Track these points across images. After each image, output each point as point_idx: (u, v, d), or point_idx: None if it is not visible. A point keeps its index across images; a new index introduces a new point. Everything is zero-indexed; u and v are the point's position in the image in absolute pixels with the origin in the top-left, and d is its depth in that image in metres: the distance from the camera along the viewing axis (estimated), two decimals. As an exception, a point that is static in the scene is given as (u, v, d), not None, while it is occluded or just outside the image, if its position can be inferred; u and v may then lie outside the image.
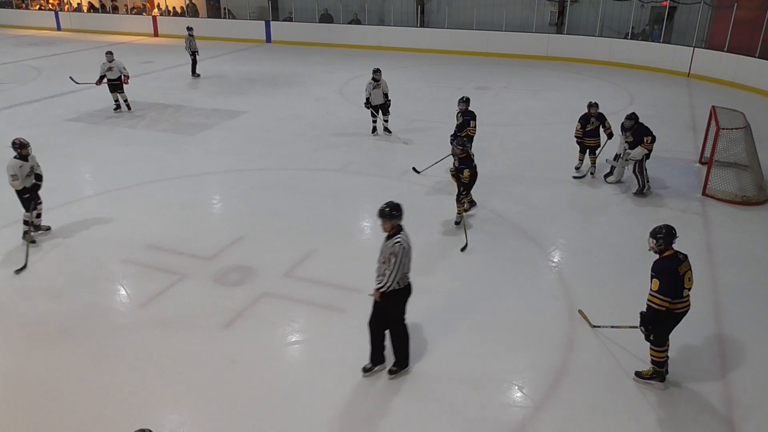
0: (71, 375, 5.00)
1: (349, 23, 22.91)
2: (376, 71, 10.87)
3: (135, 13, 26.63)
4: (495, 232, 7.59)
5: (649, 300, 4.60)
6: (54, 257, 6.88)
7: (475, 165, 7.50)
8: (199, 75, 17.08)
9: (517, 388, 4.92)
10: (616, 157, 8.87)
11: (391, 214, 4.66)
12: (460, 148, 7.36)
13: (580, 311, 5.88)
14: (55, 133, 11.62)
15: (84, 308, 5.90)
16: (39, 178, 7.07)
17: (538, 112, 13.22)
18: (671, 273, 4.52)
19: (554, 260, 6.96)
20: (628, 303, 6.04)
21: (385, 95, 11.01)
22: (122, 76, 12.51)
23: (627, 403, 4.75)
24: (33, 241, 7.09)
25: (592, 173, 9.31)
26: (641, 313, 4.77)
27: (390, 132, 11.35)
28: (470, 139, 8.90)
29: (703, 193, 8.60)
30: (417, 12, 22.24)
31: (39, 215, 7.26)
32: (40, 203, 7.19)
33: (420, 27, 22.02)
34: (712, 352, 5.36)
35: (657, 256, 4.67)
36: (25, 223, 7.06)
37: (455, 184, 7.52)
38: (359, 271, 6.60)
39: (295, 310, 5.93)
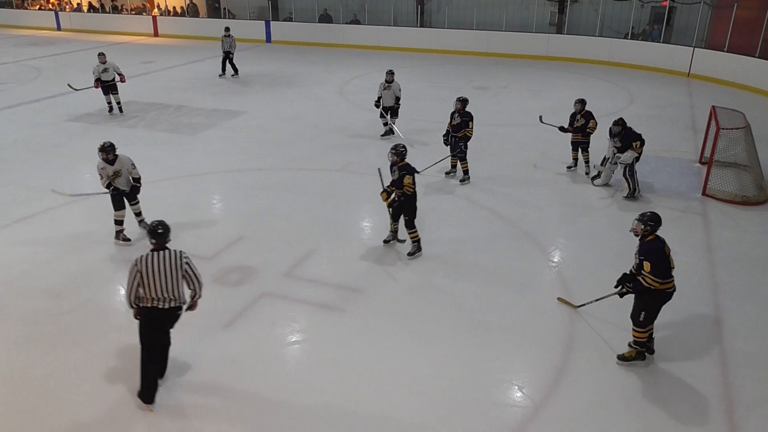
0: (71, 375, 5.00)
1: (349, 23, 22.93)
2: (389, 72, 10.81)
3: (135, 13, 26.64)
4: (494, 231, 7.59)
5: (642, 279, 4.83)
6: (54, 257, 6.87)
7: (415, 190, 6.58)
8: (236, 74, 16.99)
9: (517, 388, 4.92)
10: (604, 161, 8.87)
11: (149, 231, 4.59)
12: (395, 155, 6.52)
13: (559, 298, 5.97)
14: (55, 133, 11.62)
15: (84, 308, 5.90)
16: (136, 180, 7.04)
17: (537, 112, 13.11)
18: (660, 253, 4.80)
19: (554, 260, 6.96)
20: (629, 302, 6.04)
21: (397, 98, 10.91)
22: (117, 76, 12.45)
23: (627, 403, 4.75)
24: (127, 239, 7.12)
25: (586, 173, 9.33)
26: (624, 273, 5.04)
27: (393, 133, 11.27)
28: (467, 140, 8.88)
29: (703, 193, 8.60)
30: (417, 12, 22.25)
31: (138, 213, 7.31)
32: (135, 203, 7.21)
33: (420, 27, 22.03)
34: (713, 351, 5.36)
35: (636, 239, 5.01)
36: (117, 222, 7.07)
37: (394, 204, 6.70)
38: (359, 271, 6.62)
39: (295, 310, 5.93)
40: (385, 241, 7.13)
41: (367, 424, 4.55)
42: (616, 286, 5.12)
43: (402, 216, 6.81)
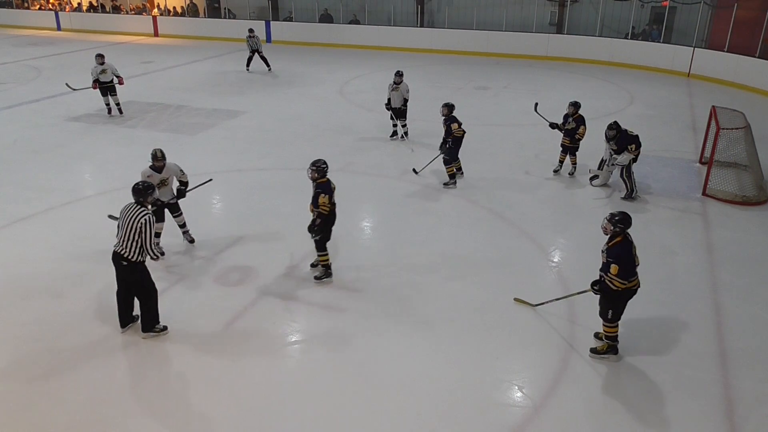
0: (71, 375, 5.00)
1: (350, 23, 22.92)
2: (397, 74, 10.70)
3: (135, 13, 26.64)
4: (494, 231, 7.59)
5: (608, 282, 4.90)
6: (54, 257, 6.87)
7: (334, 203, 6.09)
8: (269, 69, 17.80)
9: (517, 388, 4.92)
10: (601, 164, 8.86)
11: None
12: (315, 171, 6.00)
13: (515, 299, 6.00)
14: (55, 133, 11.62)
15: (84, 308, 5.89)
16: (184, 184, 6.75)
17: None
18: (629, 256, 4.89)
19: (554, 260, 6.95)
20: (629, 300, 6.04)
21: (405, 100, 10.78)
22: (115, 78, 12.43)
23: (627, 403, 4.75)
24: (162, 253, 6.76)
25: (570, 173, 9.31)
26: (593, 282, 5.10)
27: (406, 136, 11.14)
28: (456, 140, 8.75)
29: (703, 193, 8.60)
30: (417, 12, 22.26)
31: (182, 225, 7.03)
32: (178, 215, 6.91)
33: (420, 27, 22.03)
34: (712, 351, 5.36)
35: (605, 236, 5.10)
36: (155, 234, 6.69)
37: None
38: (359, 271, 6.62)
39: (295, 310, 5.94)
40: (312, 265, 6.55)
41: (367, 424, 4.55)
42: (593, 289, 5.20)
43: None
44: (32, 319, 5.72)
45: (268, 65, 17.79)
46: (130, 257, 5.13)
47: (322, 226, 6.07)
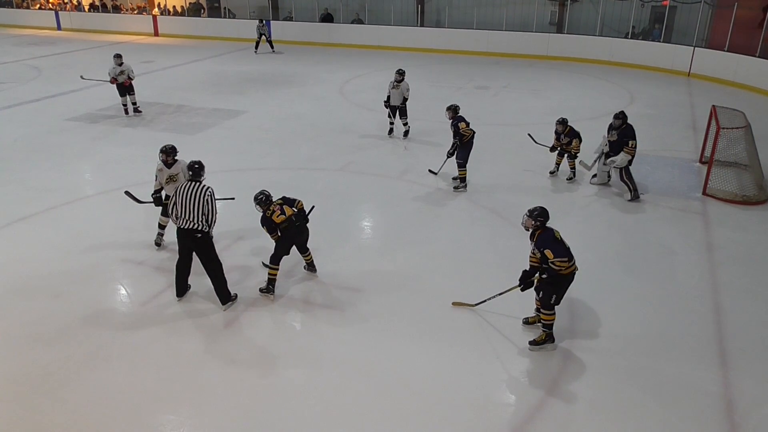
0: (71, 375, 5.00)
1: (351, 23, 22.92)
2: (398, 72, 10.70)
3: (136, 13, 26.64)
4: (494, 231, 7.59)
5: (553, 268, 5.03)
6: (54, 257, 6.88)
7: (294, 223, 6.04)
8: (272, 50, 21.12)
9: (517, 388, 4.92)
10: (596, 160, 8.83)
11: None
12: (258, 204, 5.95)
13: (454, 303, 5.98)
14: (55, 133, 11.62)
15: (84, 308, 5.89)
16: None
17: (538, 111, 13.22)
18: (555, 240, 5.13)
19: (554, 260, 6.94)
20: (629, 300, 6.06)
21: (404, 99, 10.77)
22: (128, 77, 12.44)
23: (627, 403, 4.74)
24: (158, 244, 6.96)
25: (569, 178, 9.21)
26: (524, 271, 5.34)
27: (406, 135, 11.17)
28: (464, 140, 8.71)
29: (704, 193, 8.60)
30: (417, 12, 22.26)
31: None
32: None
33: (420, 27, 22.03)
34: (712, 352, 5.35)
35: (528, 232, 5.33)
36: (160, 226, 6.90)
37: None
38: (359, 271, 6.62)
39: (296, 310, 5.94)
40: (305, 268, 6.60)
41: (366, 424, 4.55)
42: (519, 283, 5.38)
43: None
44: (32, 319, 5.73)
45: (272, 46, 21.00)
46: (202, 229, 5.57)
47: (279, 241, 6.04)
